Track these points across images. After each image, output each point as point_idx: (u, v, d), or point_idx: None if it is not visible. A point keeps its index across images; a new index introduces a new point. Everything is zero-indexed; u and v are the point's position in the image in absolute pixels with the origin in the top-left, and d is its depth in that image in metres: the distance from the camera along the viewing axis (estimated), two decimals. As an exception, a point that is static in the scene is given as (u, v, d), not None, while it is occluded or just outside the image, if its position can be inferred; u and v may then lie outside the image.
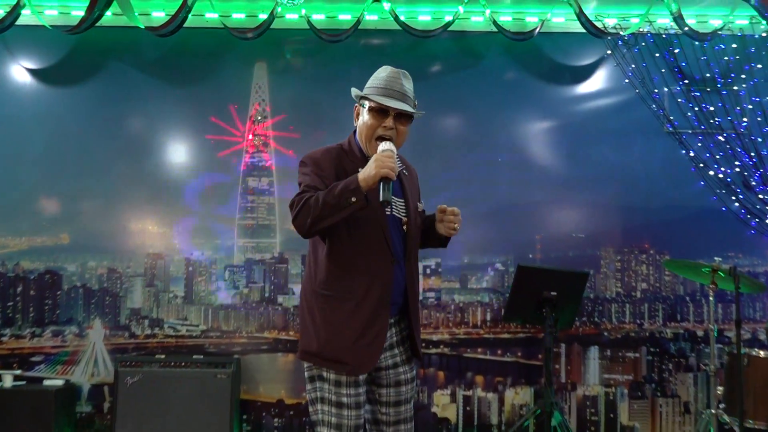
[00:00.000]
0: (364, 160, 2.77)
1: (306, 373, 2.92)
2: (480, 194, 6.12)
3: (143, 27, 5.70)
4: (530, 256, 6.17)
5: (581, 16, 5.80)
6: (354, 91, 2.91)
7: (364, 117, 2.86)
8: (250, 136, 6.16)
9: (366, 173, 2.56)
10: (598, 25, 5.97)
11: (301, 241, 2.98)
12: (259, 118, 6.18)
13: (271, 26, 5.82)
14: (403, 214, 2.90)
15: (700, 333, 6.13)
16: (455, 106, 6.24)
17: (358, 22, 5.85)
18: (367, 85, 2.90)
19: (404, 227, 2.91)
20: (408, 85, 2.86)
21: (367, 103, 2.84)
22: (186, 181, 6.13)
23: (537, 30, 6.01)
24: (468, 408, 5.92)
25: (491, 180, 6.15)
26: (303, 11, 5.83)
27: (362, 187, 2.58)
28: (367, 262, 2.79)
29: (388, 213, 2.83)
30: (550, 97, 6.27)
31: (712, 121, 6.00)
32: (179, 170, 6.15)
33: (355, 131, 2.97)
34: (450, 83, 6.21)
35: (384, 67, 2.92)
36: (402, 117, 2.84)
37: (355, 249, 2.80)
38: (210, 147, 6.15)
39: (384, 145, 2.70)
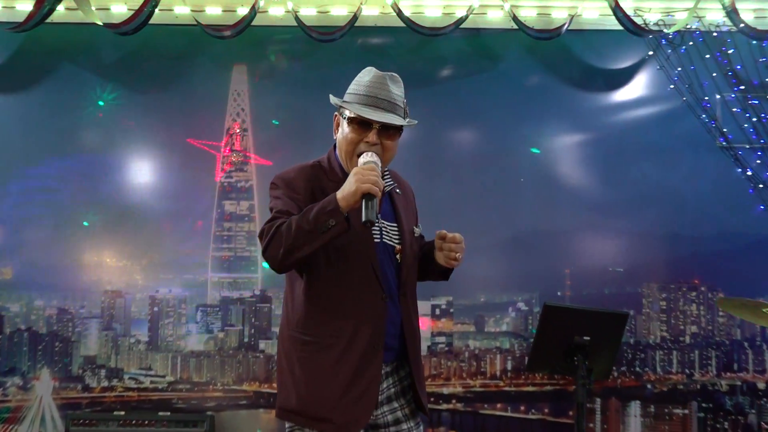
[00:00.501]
0: (346, 178, 2.68)
1: None
2: (498, 220, 6.08)
3: (101, 24, 5.63)
4: (558, 293, 6.15)
5: (618, 10, 5.77)
6: (332, 99, 2.85)
7: (344, 129, 2.80)
8: (227, 153, 6.13)
9: (345, 190, 2.50)
10: (638, 21, 5.96)
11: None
12: (238, 130, 6.15)
13: (253, 23, 5.77)
14: (396, 241, 2.85)
15: (761, 385, 6.08)
16: (469, 116, 6.20)
17: (355, 17, 5.79)
18: (348, 90, 2.83)
19: (398, 256, 2.85)
20: (396, 91, 2.79)
21: (347, 113, 2.78)
22: (151, 205, 6.09)
23: (565, 27, 5.95)
24: (486, 476, 5.58)
25: (511, 203, 6.12)
26: (290, 5, 5.77)
27: (342, 207, 2.51)
28: (353, 300, 2.73)
29: (377, 239, 2.78)
30: (580, 105, 6.25)
31: (773, 133, 5.67)
32: (143, 192, 6.11)
33: (335, 145, 2.92)
34: (463, 89, 6.16)
35: (367, 69, 2.84)
36: (389, 129, 2.77)
37: (339, 284, 2.73)
38: (179, 165, 6.08)
39: (365, 157, 2.63)
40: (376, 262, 2.72)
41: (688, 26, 5.99)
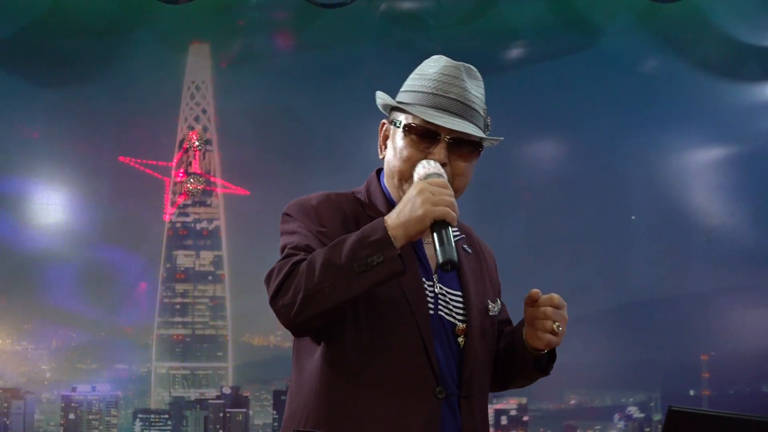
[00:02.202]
0: None
1: None
2: (598, 281, 5.81)
3: None
4: (691, 392, 5.83)
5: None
6: (381, 98, 2.46)
7: (397, 143, 2.44)
8: (181, 177, 5.84)
9: (404, 214, 2.25)
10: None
11: (274, 364, 3.33)
12: (196, 143, 5.84)
13: None
14: (459, 317, 2.44)
15: None
16: (550, 119, 5.97)
17: None
18: (404, 87, 2.49)
19: (460, 339, 2.42)
20: (476, 91, 2.44)
21: (402, 119, 2.43)
22: (64, 256, 5.78)
23: None
24: None
25: (618, 255, 5.88)
26: (276, -49, 5.68)
27: (394, 237, 2.22)
28: (391, 395, 2.39)
29: (431, 311, 2.40)
30: (724, 102, 5.96)
31: None
32: (51, 237, 5.80)
33: (379, 171, 2.56)
34: (541, 79, 5.95)
35: (435, 57, 2.44)
36: (463, 145, 2.37)
37: (370, 367, 2.37)
38: (106, 195, 5.87)
39: (426, 167, 2.33)
40: (429, 339, 2.39)
41: None
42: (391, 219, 2.31)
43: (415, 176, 2.41)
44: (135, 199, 5.87)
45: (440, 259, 2.25)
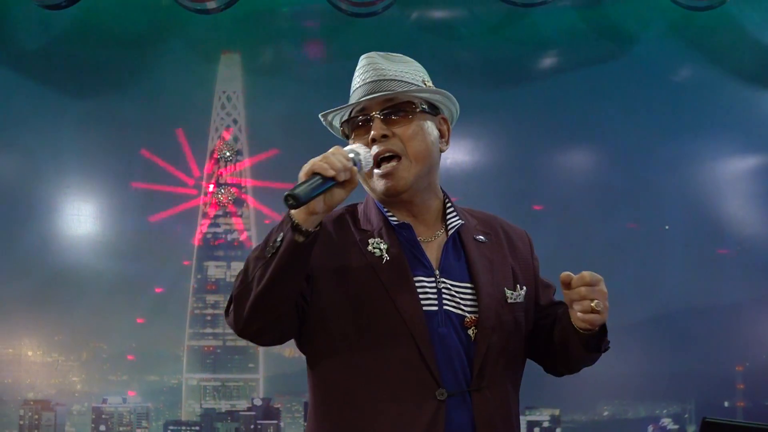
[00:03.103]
0: (384, 221, 2.54)
1: None
2: (632, 291, 5.69)
3: None
4: (726, 404, 5.82)
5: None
6: (322, 119, 2.69)
7: (349, 147, 2.54)
8: (212, 187, 5.90)
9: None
10: None
11: (305, 375, 2.51)
12: (227, 154, 5.91)
13: None
14: (469, 309, 2.50)
15: None
16: (582, 129, 6.00)
17: None
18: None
19: (470, 331, 2.49)
20: (390, 66, 2.60)
21: (342, 128, 2.61)
22: (94, 268, 5.82)
23: None
24: None
25: (652, 265, 5.83)
26: (306, -40, 5.78)
27: (293, 214, 2.29)
28: (390, 402, 2.44)
29: (433, 306, 2.46)
30: (759, 112, 5.96)
31: None
32: (81, 249, 5.88)
33: None
34: (574, 88, 5.94)
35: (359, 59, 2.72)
36: (396, 112, 2.51)
37: (364, 376, 2.45)
38: (137, 205, 5.87)
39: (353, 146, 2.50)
40: (425, 342, 2.44)
41: None
42: None
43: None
44: (164, 211, 5.86)
45: (288, 191, 2.28)
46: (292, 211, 2.33)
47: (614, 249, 5.88)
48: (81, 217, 5.87)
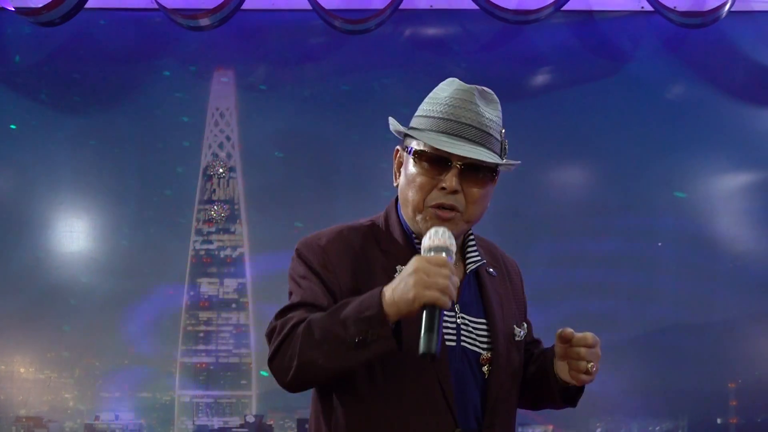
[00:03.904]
0: (411, 248, 2.55)
1: None
2: (624, 308, 5.80)
3: (12, 8, 5.54)
4: (718, 420, 5.82)
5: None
6: (393, 124, 2.63)
7: (409, 170, 2.57)
8: (205, 204, 5.90)
9: (398, 292, 2.29)
10: None
11: (304, 395, 2.66)
12: (221, 170, 5.91)
13: (244, 6, 5.58)
14: (484, 346, 2.56)
15: None
16: (576, 146, 5.99)
17: None
18: (417, 112, 2.62)
19: (485, 368, 2.54)
20: (490, 114, 2.55)
21: (414, 145, 2.56)
22: (86, 285, 5.79)
23: (727, 7, 5.60)
24: None
25: (644, 282, 5.84)
26: (300, -23, 5.80)
27: (388, 315, 2.28)
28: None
29: (452, 342, 2.52)
30: (754, 129, 5.94)
31: None
32: (74, 265, 5.85)
33: (397, 198, 2.70)
34: (567, 106, 5.95)
35: (449, 80, 2.61)
36: (477, 171, 2.52)
37: (385, 410, 2.48)
38: (131, 221, 5.85)
39: (434, 237, 2.37)
40: (446, 379, 2.49)
41: None
42: (387, 294, 2.34)
43: (425, 245, 2.44)
44: (158, 226, 5.85)
45: (421, 349, 2.27)
46: (387, 310, 2.32)
47: (607, 266, 5.86)
48: (74, 234, 5.84)
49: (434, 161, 2.53)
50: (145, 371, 5.78)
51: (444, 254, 2.34)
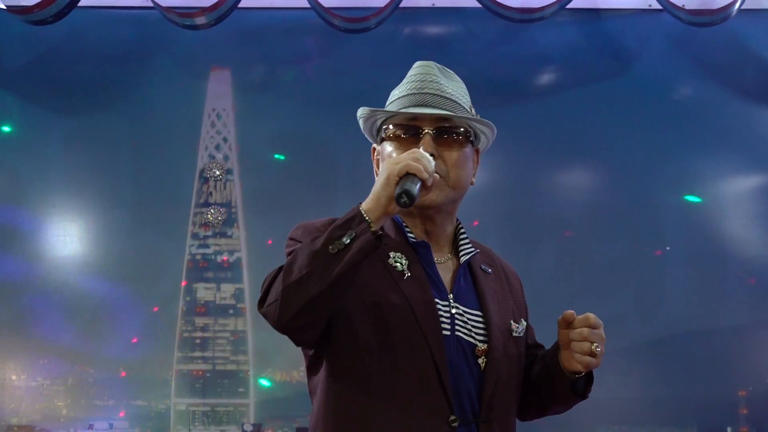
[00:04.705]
0: (401, 236, 2.55)
1: None
2: (630, 314, 5.79)
3: (4, 6, 5.54)
4: (728, 429, 5.77)
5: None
6: (360, 112, 2.65)
7: (385, 151, 2.58)
8: (202, 208, 5.93)
9: (375, 188, 2.33)
10: None
11: (296, 400, 3.36)
12: (217, 173, 5.92)
13: (241, 4, 5.60)
14: (480, 337, 2.54)
15: None
16: (581, 147, 5.99)
17: None
18: (387, 102, 2.70)
19: (480, 360, 2.52)
20: (447, 82, 2.60)
21: (382, 123, 2.62)
22: (81, 291, 5.75)
23: (737, 5, 5.59)
24: None
25: (651, 287, 5.85)
26: (299, -26, 5.82)
27: (366, 211, 2.28)
28: (400, 424, 2.46)
29: (446, 331, 2.49)
30: (762, 130, 5.93)
31: None
32: (67, 269, 5.82)
33: None
34: (573, 106, 5.95)
35: (414, 65, 2.70)
36: (450, 132, 2.54)
37: (378, 396, 2.47)
38: (125, 225, 5.84)
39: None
40: (442, 364, 2.47)
41: None
42: (366, 200, 2.34)
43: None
44: (154, 230, 5.83)
45: (396, 191, 2.28)
46: (364, 209, 2.32)
47: (614, 270, 5.85)
48: (67, 238, 5.83)
49: (405, 132, 2.54)
50: (140, 378, 5.77)
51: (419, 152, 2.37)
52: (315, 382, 2.63)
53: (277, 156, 5.94)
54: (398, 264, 2.48)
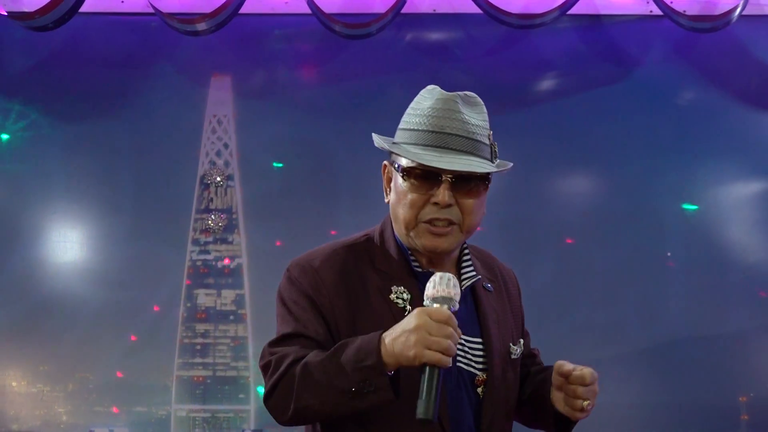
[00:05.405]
0: (406, 265, 2.52)
1: None
2: (631, 320, 5.76)
3: (5, 12, 5.53)
4: None
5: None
6: (377, 140, 2.59)
7: (399, 187, 2.52)
8: (202, 214, 5.91)
9: (399, 345, 2.25)
10: None
11: None
12: (218, 179, 5.91)
13: (242, 11, 5.57)
14: (479, 366, 2.54)
15: None
16: (582, 154, 5.97)
17: (401, 0, 5.60)
18: (401, 125, 2.56)
19: (479, 390, 2.52)
20: (475, 118, 2.50)
21: (401, 162, 2.52)
22: (81, 297, 5.75)
23: (738, 10, 5.54)
24: None
25: (652, 293, 5.82)
26: (299, -21, 5.81)
27: (387, 364, 2.25)
28: None
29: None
30: (764, 136, 5.92)
31: None
32: (68, 276, 5.81)
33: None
34: (572, 112, 5.94)
35: (429, 88, 2.57)
36: (468, 181, 2.50)
37: (379, 428, 2.44)
38: (125, 231, 5.81)
39: (438, 286, 2.30)
40: (442, 401, 2.42)
41: None
42: (387, 342, 2.30)
43: (427, 297, 2.36)
44: (154, 236, 5.81)
45: (418, 413, 2.24)
46: (385, 359, 2.27)
47: (615, 275, 5.82)
48: (68, 244, 5.83)
49: (424, 177, 2.49)
50: (141, 385, 5.74)
51: (447, 306, 2.29)
52: None
53: (275, 164, 5.90)
54: (399, 300, 2.47)
